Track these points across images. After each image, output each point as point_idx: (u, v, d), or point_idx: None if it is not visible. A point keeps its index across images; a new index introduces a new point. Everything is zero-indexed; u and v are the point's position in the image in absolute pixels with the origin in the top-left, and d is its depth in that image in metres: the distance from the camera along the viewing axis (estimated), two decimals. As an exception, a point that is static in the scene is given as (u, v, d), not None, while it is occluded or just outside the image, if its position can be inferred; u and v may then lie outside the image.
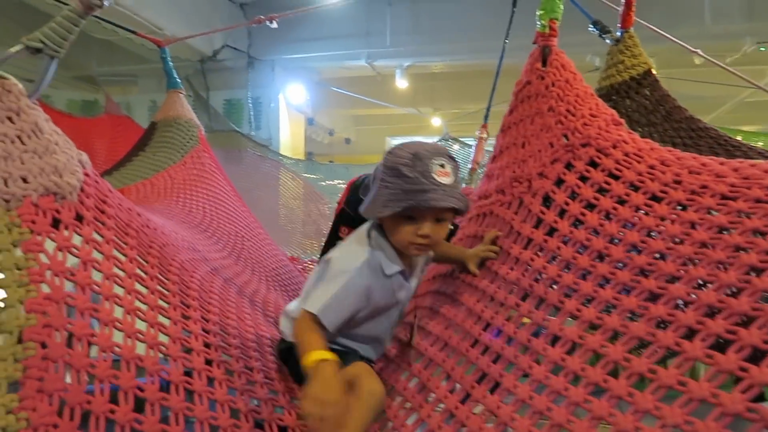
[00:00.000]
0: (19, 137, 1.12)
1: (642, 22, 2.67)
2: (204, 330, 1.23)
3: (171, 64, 3.07)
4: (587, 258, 1.12)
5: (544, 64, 1.49)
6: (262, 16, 3.21)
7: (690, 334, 0.88)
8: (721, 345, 0.84)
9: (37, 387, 0.87)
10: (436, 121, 10.05)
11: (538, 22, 1.51)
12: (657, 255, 1.03)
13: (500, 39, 3.64)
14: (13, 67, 1.23)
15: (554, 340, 1.06)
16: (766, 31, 6.35)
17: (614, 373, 0.94)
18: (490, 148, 1.77)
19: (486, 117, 3.66)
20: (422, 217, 1.22)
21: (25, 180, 1.09)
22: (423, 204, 1.19)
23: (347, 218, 2.12)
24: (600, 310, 1.02)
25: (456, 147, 6.40)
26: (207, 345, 1.20)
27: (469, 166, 3.47)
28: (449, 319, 1.35)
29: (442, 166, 1.21)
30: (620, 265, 1.07)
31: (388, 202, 1.21)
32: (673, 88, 2.41)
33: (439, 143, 1.28)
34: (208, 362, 1.16)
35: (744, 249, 0.92)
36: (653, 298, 0.98)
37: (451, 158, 1.25)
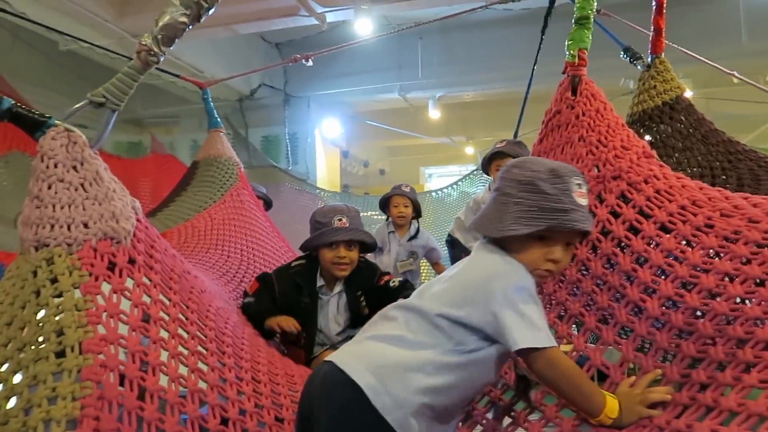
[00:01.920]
0: (82, 185, 1.19)
1: (674, 45, 2.66)
2: (237, 378, 1.25)
3: (212, 104, 3.19)
4: (624, 312, 1.11)
5: (574, 93, 1.49)
6: (298, 55, 3.32)
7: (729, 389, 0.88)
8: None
9: (93, 426, 0.90)
10: (470, 150, 10.06)
11: (567, 52, 1.51)
12: (694, 313, 1.01)
13: (530, 66, 3.67)
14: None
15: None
16: (806, 47, 6.20)
17: None
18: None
19: (513, 143, 3.67)
20: (555, 239, 1.09)
21: (86, 225, 1.15)
22: (566, 225, 1.06)
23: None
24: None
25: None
26: (241, 393, 1.22)
27: None
28: None
29: (580, 186, 1.10)
30: (659, 324, 1.05)
31: (522, 219, 1.07)
32: (711, 108, 2.37)
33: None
34: (242, 412, 1.18)
35: None
36: (694, 363, 0.97)
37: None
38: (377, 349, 1.06)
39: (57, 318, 0.99)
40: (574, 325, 1.19)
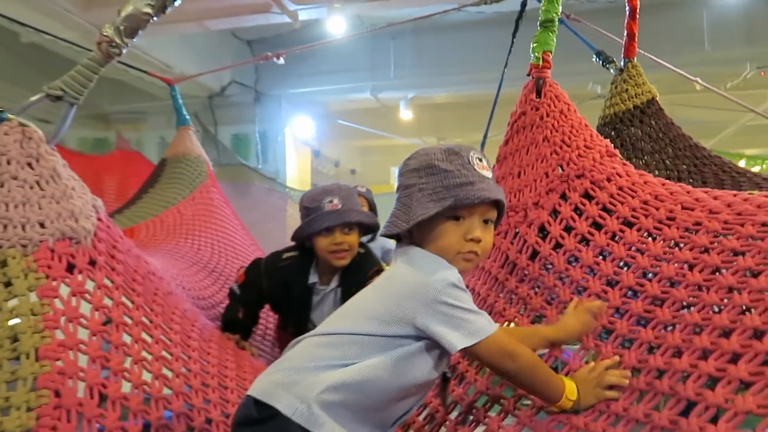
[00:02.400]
0: (38, 183, 1.14)
1: (642, 51, 2.71)
2: (203, 384, 1.21)
3: (181, 101, 3.13)
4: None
5: (539, 95, 1.51)
6: (269, 53, 3.28)
7: (686, 377, 0.88)
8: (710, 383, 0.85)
9: None
10: (441, 151, 10.08)
11: (532, 55, 1.54)
12: (654, 301, 1.03)
13: (501, 70, 3.70)
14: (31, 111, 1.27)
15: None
16: (765, 56, 6.40)
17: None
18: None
19: (482, 145, 3.71)
20: (469, 217, 1.05)
21: (42, 225, 1.10)
22: (474, 196, 1.03)
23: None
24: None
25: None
26: (207, 401, 1.18)
27: None
28: None
29: (480, 159, 1.09)
30: (620, 312, 1.07)
31: (428, 202, 1.04)
32: (675, 113, 2.43)
33: None
34: (208, 421, 1.14)
35: (737, 290, 0.93)
36: (651, 349, 0.98)
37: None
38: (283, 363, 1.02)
39: (11, 323, 0.94)
40: (535, 320, 1.20)
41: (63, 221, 1.12)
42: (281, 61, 3.33)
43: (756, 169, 6.00)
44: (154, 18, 1.35)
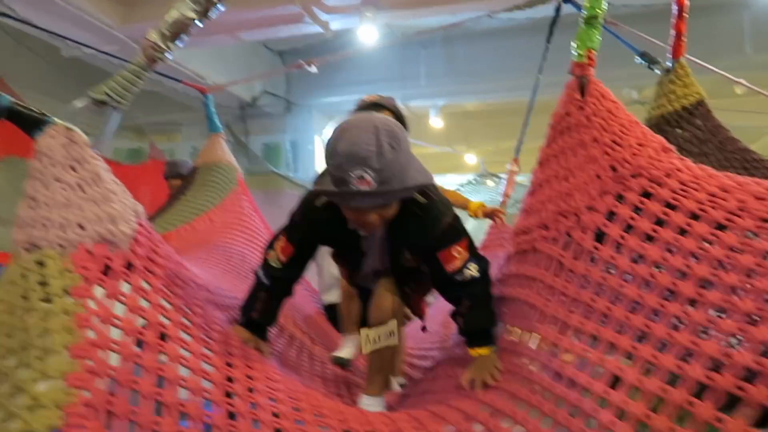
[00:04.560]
0: (79, 185, 1.14)
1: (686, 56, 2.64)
2: (249, 389, 1.17)
3: (213, 110, 3.17)
4: (655, 296, 1.04)
5: (583, 94, 1.45)
6: (302, 60, 3.29)
7: None
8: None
9: None
10: (471, 159, 10.04)
11: (575, 52, 1.48)
12: (731, 291, 0.95)
13: (533, 77, 3.65)
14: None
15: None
16: (808, 59, 6.18)
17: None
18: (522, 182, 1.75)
19: (517, 151, 3.66)
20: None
21: (81, 227, 1.10)
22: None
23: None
24: (678, 357, 0.94)
25: (490, 183, 6.37)
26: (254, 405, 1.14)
27: (500, 199, 3.44)
28: (512, 368, 1.31)
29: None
30: (694, 303, 0.98)
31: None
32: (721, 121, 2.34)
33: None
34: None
35: None
36: (731, 342, 0.90)
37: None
38: None
39: (44, 323, 0.93)
40: (599, 323, 1.13)
41: (102, 224, 1.11)
42: (314, 69, 3.33)
43: (803, 175, 5.79)
44: (198, 23, 1.36)
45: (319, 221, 1.47)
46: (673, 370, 0.91)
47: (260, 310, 1.55)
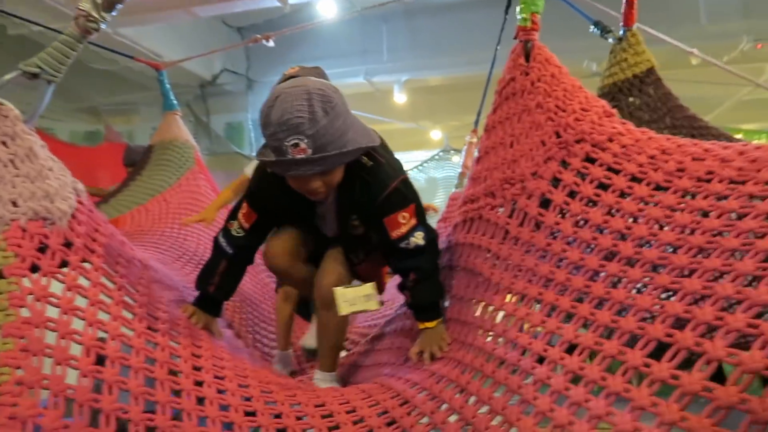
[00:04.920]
0: (12, 161, 1.11)
1: (638, 25, 2.67)
2: (195, 367, 1.16)
3: (168, 86, 3.08)
4: (596, 258, 1.07)
5: (527, 59, 1.45)
6: (258, 35, 3.22)
7: (710, 330, 0.82)
8: (742, 344, 0.78)
9: (9, 413, 0.82)
10: (436, 134, 10.04)
11: (519, 16, 1.47)
12: (668, 248, 0.98)
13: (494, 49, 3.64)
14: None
15: (571, 348, 1.00)
16: (762, 29, 6.33)
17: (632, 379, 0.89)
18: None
19: (476, 123, 3.67)
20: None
21: (14, 203, 1.07)
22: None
23: None
24: (614, 312, 0.97)
25: (455, 158, 6.40)
26: (199, 383, 1.12)
27: (459, 171, 3.47)
28: (459, 337, 1.32)
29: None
30: (632, 261, 1.01)
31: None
32: (671, 89, 2.39)
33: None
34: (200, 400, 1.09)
35: (759, 235, 0.87)
36: (669, 295, 0.93)
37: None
38: None
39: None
40: (545, 286, 1.15)
41: (37, 201, 1.08)
42: (271, 43, 3.27)
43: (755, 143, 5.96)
44: (134, -8, 1.30)
45: (272, 189, 1.44)
46: (608, 325, 0.95)
47: (217, 283, 1.50)
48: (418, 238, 1.41)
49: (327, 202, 1.49)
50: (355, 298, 1.49)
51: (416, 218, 1.42)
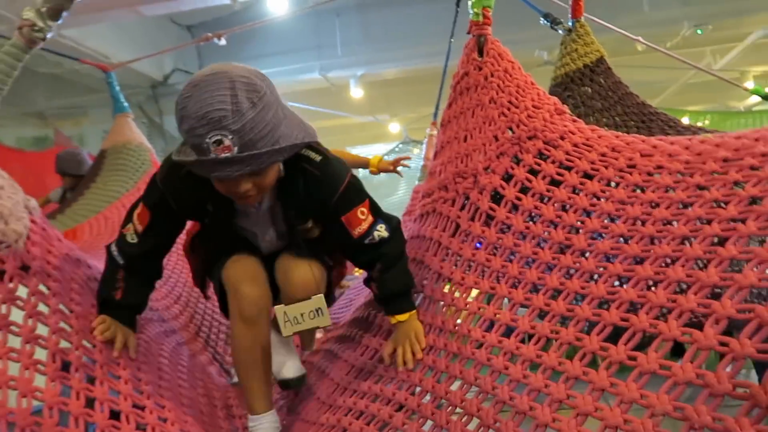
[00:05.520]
0: (-37, 182, 1.05)
1: (586, 15, 2.74)
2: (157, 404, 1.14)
3: (117, 88, 3.00)
4: (549, 251, 1.11)
5: (481, 54, 1.46)
6: (209, 34, 3.16)
7: (665, 312, 0.86)
8: (696, 323, 0.83)
9: None
10: (395, 127, 10.08)
11: (471, 11, 1.48)
12: (620, 239, 1.03)
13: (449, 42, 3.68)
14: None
15: (528, 338, 1.04)
16: (701, 15, 6.58)
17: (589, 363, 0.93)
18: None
19: (435, 115, 3.71)
20: None
21: (-33, 228, 1.01)
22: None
23: None
24: (569, 302, 1.01)
25: (415, 150, 6.44)
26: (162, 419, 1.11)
27: (422, 163, 3.51)
28: None
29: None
30: (585, 254, 1.05)
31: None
32: (619, 75, 2.47)
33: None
34: None
35: (707, 221, 0.92)
36: (621, 281, 0.97)
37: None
38: None
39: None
40: (496, 280, 1.18)
41: (-10, 223, 1.03)
42: (222, 41, 3.21)
43: (700, 124, 6.21)
44: (78, -2, 1.27)
45: (182, 190, 1.23)
46: (564, 314, 0.98)
47: (123, 289, 1.25)
48: (382, 231, 1.30)
49: (259, 209, 1.31)
50: (300, 316, 1.30)
51: (372, 212, 1.31)
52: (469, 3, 1.48)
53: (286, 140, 1.08)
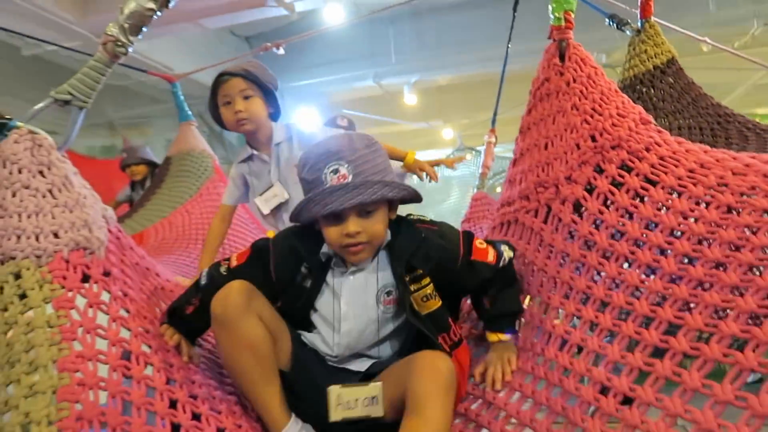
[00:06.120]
0: (50, 191, 1.10)
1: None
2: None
3: (182, 98, 3.11)
4: (636, 274, 1.04)
5: (562, 59, 1.40)
6: (268, 44, 3.24)
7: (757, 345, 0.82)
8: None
9: None
10: (448, 133, 10.02)
11: (552, 16, 1.42)
12: (715, 265, 0.96)
13: (503, 47, 3.64)
14: (38, 122, 1.24)
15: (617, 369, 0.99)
16: (773, 12, 6.25)
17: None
18: (500, 152, 1.71)
19: (493, 122, 3.65)
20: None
21: (56, 235, 1.06)
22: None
23: None
24: (663, 331, 0.95)
25: (468, 156, 6.39)
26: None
27: (480, 171, 3.45)
28: None
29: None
30: (675, 279, 0.98)
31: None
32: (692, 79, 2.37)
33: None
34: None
35: None
36: (717, 312, 0.91)
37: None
38: None
39: (27, 336, 0.92)
40: (581, 302, 1.13)
41: (77, 231, 1.08)
42: (281, 51, 3.28)
43: (771, 128, 5.88)
44: (158, 13, 1.31)
45: (285, 245, 1.27)
46: (658, 344, 0.93)
47: (195, 307, 1.25)
48: (506, 249, 1.29)
49: (354, 269, 1.25)
50: (354, 401, 1.18)
51: (484, 239, 1.31)
52: (550, 7, 1.42)
53: (393, 182, 1.18)
